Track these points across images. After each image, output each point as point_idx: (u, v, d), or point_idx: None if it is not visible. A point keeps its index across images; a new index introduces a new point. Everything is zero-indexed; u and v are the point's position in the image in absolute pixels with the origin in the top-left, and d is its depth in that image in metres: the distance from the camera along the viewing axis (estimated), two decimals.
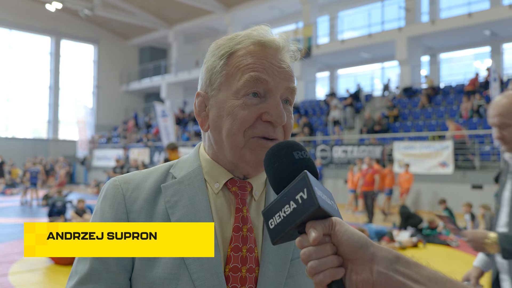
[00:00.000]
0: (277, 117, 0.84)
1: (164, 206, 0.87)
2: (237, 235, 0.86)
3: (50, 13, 26.22)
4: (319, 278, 0.63)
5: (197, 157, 0.95)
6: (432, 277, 0.64)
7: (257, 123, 0.85)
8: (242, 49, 0.88)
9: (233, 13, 23.46)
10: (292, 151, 0.73)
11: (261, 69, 0.85)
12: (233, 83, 0.87)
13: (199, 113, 0.93)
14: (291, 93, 0.89)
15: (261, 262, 0.86)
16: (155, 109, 17.59)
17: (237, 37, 0.90)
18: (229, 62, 0.88)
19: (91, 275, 0.83)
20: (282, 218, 0.67)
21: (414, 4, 18.47)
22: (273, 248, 0.88)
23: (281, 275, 0.87)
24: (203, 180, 0.91)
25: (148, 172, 0.94)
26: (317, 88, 23.50)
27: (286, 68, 0.89)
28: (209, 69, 0.91)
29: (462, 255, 7.61)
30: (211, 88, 0.90)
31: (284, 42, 0.90)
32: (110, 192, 0.89)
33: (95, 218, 0.88)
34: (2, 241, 8.37)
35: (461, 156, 13.54)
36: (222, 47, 0.90)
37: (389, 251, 0.65)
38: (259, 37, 0.89)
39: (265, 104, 0.85)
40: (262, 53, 0.87)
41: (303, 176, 0.67)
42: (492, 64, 12.58)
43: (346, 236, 0.64)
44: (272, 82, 0.86)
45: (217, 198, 0.90)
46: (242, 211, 0.88)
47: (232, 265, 0.84)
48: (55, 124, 28.13)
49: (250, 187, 0.91)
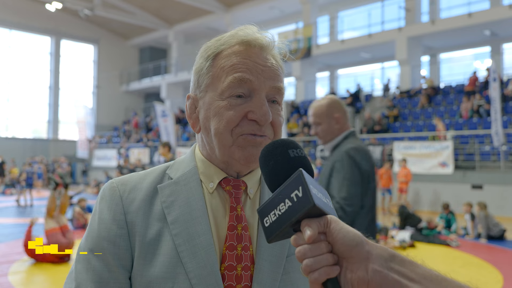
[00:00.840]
0: (262, 115, 0.85)
1: (161, 206, 0.88)
2: (232, 234, 0.86)
3: (50, 13, 26.23)
4: (314, 276, 0.63)
5: (193, 157, 0.95)
6: (427, 275, 0.64)
7: (243, 122, 0.86)
8: (227, 49, 0.89)
9: (233, 13, 23.46)
10: (288, 149, 0.73)
11: (245, 69, 0.86)
12: (218, 84, 0.88)
13: (190, 115, 0.95)
14: (277, 92, 0.90)
15: (256, 259, 0.87)
16: (155, 109, 17.60)
17: (223, 37, 0.91)
18: (214, 63, 0.89)
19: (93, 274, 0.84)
20: (277, 216, 0.67)
21: (414, 4, 18.47)
22: (268, 245, 0.88)
23: (276, 272, 0.87)
24: (198, 180, 0.91)
25: (145, 174, 0.95)
26: (317, 88, 23.51)
27: (271, 66, 0.89)
28: (197, 71, 0.93)
29: (462, 255, 7.61)
30: (199, 90, 0.92)
31: (269, 40, 0.90)
32: (107, 193, 0.90)
33: (94, 219, 0.89)
34: (2, 241, 8.37)
35: (461, 156, 13.55)
36: (208, 49, 0.91)
37: (384, 249, 0.65)
38: (243, 36, 0.89)
39: (250, 103, 0.86)
40: (246, 52, 0.88)
41: (298, 174, 0.67)
42: (492, 64, 12.58)
43: (341, 234, 0.64)
44: (256, 81, 0.86)
45: (212, 197, 0.90)
46: (236, 210, 0.88)
47: (227, 264, 0.84)
48: (55, 124, 28.14)
49: (244, 185, 0.91)
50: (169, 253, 0.83)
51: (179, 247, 0.83)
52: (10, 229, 9.78)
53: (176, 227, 0.85)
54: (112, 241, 0.85)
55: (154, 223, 0.86)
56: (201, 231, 0.85)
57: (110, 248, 0.84)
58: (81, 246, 0.87)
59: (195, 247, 0.84)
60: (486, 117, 14.28)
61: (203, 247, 0.84)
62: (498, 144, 12.02)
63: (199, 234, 0.85)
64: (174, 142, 17.68)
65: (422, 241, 8.57)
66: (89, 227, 0.89)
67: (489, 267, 6.78)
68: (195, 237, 0.84)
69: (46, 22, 27.07)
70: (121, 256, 0.84)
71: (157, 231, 0.85)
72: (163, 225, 0.86)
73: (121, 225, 0.86)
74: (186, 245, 0.84)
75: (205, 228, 0.86)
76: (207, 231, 0.85)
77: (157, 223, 0.86)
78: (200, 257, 0.83)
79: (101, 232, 0.86)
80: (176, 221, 0.86)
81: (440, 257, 7.35)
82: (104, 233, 0.86)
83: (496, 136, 11.88)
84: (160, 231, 0.85)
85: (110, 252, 0.84)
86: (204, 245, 0.84)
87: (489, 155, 13.19)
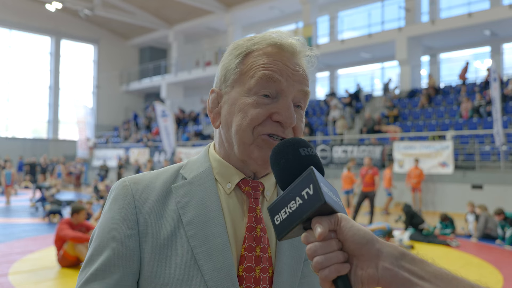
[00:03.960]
0: (287, 118, 0.85)
1: (175, 206, 0.86)
2: (251, 235, 0.86)
3: (50, 13, 26.23)
4: (325, 274, 0.63)
5: (207, 158, 0.95)
6: (437, 274, 0.64)
7: (267, 121, 0.85)
8: (259, 50, 0.89)
9: (233, 13, 23.46)
10: (298, 148, 0.73)
11: (275, 69, 0.86)
12: (246, 80, 0.87)
13: (212, 109, 0.93)
14: (304, 96, 0.90)
15: (275, 262, 0.86)
16: (155, 109, 17.59)
17: (255, 38, 0.91)
18: (244, 61, 0.89)
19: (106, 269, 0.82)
20: (288, 214, 0.67)
21: (414, 4, 18.48)
22: (287, 248, 0.88)
23: (295, 275, 0.87)
24: (213, 180, 0.90)
25: (157, 173, 0.93)
26: (317, 88, 23.52)
27: (301, 72, 0.89)
28: (224, 67, 0.92)
29: (462, 255, 7.61)
30: (225, 85, 0.91)
31: (302, 47, 0.91)
32: (120, 192, 0.88)
33: (105, 219, 0.87)
34: (2, 241, 8.37)
35: (461, 156, 13.56)
36: (239, 47, 0.91)
37: (394, 248, 0.66)
38: (276, 39, 0.89)
39: (276, 105, 0.86)
40: (278, 55, 0.88)
41: (309, 172, 0.67)
42: (492, 64, 12.58)
43: (351, 232, 0.65)
44: (285, 82, 0.86)
45: (229, 198, 0.89)
46: (256, 211, 0.88)
47: (246, 265, 0.84)
48: (55, 124, 28.13)
49: (262, 187, 0.91)
50: (184, 255, 0.82)
51: (194, 249, 0.82)
52: (10, 229, 9.78)
53: (192, 228, 0.84)
54: (121, 241, 0.83)
55: (168, 224, 0.85)
56: (217, 233, 0.84)
57: (118, 248, 0.83)
58: (90, 245, 0.86)
59: (211, 249, 0.83)
60: (486, 117, 14.29)
61: (219, 249, 0.83)
62: (499, 144, 12.03)
63: (215, 235, 0.84)
64: (174, 142, 17.69)
65: (422, 241, 8.57)
66: (99, 225, 0.88)
67: (489, 267, 6.78)
68: (211, 239, 0.83)
69: (46, 22, 27.07)
70: (128, 257, 0.83)
71: (172, 232, 0.84)
72: (177, 225, 0.85)
73: (131, 225, 0.85)
74: (202, 247, 0.83)
75: (221, 229, 0.85)
76: (223, 232, 0.84)
77: (172, 224, 0.85)
78: (216, 259, 0.82)
79: (111, 232, 0.84)
80: (191, 222, 0.85)
81: (440, 257, 7.35)
82: (114, 232, 0.84)
83: (497, 136, 11.90)
84: (174, 232, 0.84)
85: (117, 252, 0.83)
86: (220, 247, 0.83)
87: (489, 155, 13.19)
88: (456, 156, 13.31)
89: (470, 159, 13.40)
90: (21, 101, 27.18)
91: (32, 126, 28.07)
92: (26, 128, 27.70)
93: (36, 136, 27.83)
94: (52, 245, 7.16)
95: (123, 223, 0.85)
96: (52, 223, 10.49)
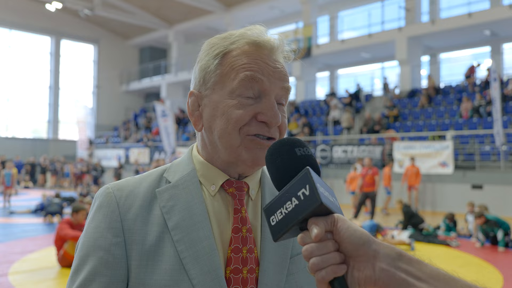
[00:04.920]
0: (272, 117, 0.84)
1: (160, 211, 0.85)
2: (237, 236, 0.85)
3: (50, 13, 26.23)
4: (321, 275, 0.63)
5: (191, 160, 0.93)
6: (434, 275, 0.63)
7: (252, 122, 0.85)
8: (237, 49, 0.87)
9: (233, 13, 23.46)
10: (294, 148, 0.73)
11: (256, 68, 0.85)
12: (228, 82, 0.86)
13: (193, 112, 0.91)
14: (285, 93, 0.89)
15: (260, 262, 0.86)
16: (155, 109, 17.59)
17: (231, 36, 0.89)
18: (223, 61, 0.87)
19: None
20: (284, 214, 0.66)
21: (414, 4, 18.47)
22: (272, 246, 0.87)
23: (281, 273, 0.86)
24: (198, 183, 0.89)
25: (141, 178, 0.91)
26: (317, 88, 23.51)
27: (281, 68, 0.88)
28: (202, 68, 0.90)
29: (462, 255, 7.61)
30: (204, 87, 0.89)
31: (279, 43, 0.90)
32: (104, 200, 0.86)
33: (90, 228, 0.85)
34: (2, 241, 8.37)
35: (461, 156, 13.55)
36: (216, 46, 0.89)
37: (391, 248, 0.65)
38: (253, 37, 0.88)
39: (260, 105, 0.85)
40: (256, 54, 0.87)
41: (305, 172, 0.67)
42: (492, 64, 12.58)
43: (348, 233, 0.64)
44: (267, 82, 0.85)
45: (214, 200, 0.88)
46: (241, 212, 0.87)
47: (233, 267, 0.83)
48: (55, 124, 28.14)
49: (247, 187, 0.90)
50: (171, 260, 0.81)
51: (181, 254, 0.81)
52: (10, 229, 9.79)
53: (178, 233, 0.83)
54: (107, 250, 0.82)
55: (154, 229, 0.83)
56: (203, 236, 0.83)
57: (105, 257, 0.81)
58: (76, 255, 0.85)
59: (197, 253, 0.82)
60: (486, 117, 14.28)
61: (206, 253, 0.82)
62: (499, 144, 12.03)
63: (201, 239, 0.83)
64: (174, 142, 17.69)
65: (422, 241, 8.56)
66: (84, 234, 0.86)
67: (489, 267, 6.77)
68: (197, 243, 0.82)
69: (46, 22, 27.07)
70: (114, 266, 0.81)
71: (157, 238, 0.83)
72: (163, 230, 0.83)
73: (117, 233, 0.83)
74: (189, 251, 0.82)
75: (207, 232, 0.84)
76: (209, 235, 0.84)
77: (157, 229, 0.83)
78: (203, 263, 0.81)
79: (96, 241, 0.83)
80: (177, 226, 0.83)
81: (440, 257, 7.34)
82: (100, 241, 0.82)
83: (497, 136, 11.89)
84: (160, 237, 0.83)
85: (104, 261, 0.81)
86: (207, 250, 0.82)
87: (489, 155, 13.19)
88: (456, 156, 13.31)
89: (470, 159, 13.39)
90: (21, 101, 27.19)
91: (32, 126, 28.08)
92: (26, 128, 27.71)
93: (36, 136, 27.83)
94: (52, 245, 7.16)
95: (109, 232, 0.83)
96: (52, 223, 10.49)
